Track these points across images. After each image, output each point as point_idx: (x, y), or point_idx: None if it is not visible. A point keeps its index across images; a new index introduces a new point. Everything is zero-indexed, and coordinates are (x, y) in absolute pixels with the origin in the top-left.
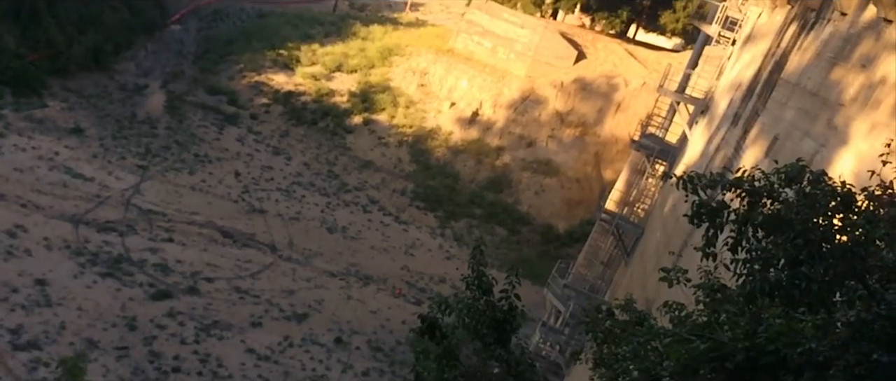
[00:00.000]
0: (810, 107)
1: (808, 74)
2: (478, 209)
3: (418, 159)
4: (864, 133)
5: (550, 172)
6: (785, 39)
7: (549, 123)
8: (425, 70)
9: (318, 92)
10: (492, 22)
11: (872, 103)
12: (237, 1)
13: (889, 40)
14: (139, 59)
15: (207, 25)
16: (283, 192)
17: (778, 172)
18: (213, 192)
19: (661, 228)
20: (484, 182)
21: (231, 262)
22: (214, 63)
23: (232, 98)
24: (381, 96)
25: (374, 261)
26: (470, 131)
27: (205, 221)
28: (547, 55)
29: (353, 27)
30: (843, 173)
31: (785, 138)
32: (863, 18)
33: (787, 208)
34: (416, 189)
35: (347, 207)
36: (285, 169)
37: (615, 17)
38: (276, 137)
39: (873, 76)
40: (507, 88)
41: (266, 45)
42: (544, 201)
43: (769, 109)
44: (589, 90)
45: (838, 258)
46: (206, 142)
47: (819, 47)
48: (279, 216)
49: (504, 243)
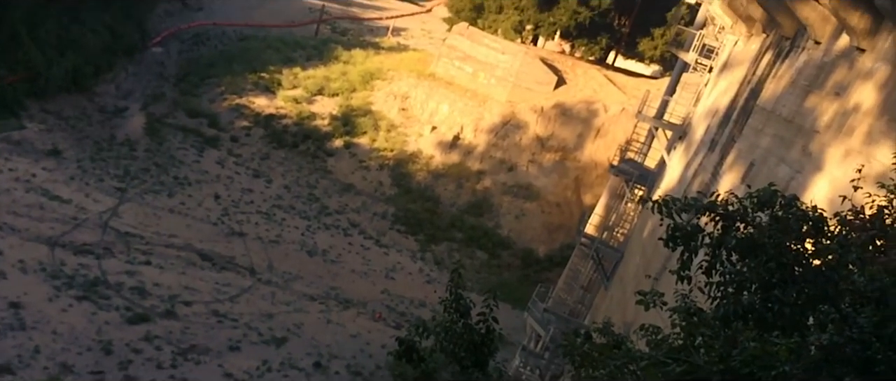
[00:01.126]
0: (785, 133)
1: (783, 102)
2: (458, 233)
3: (399, 183)
4: (839, 160)
5: (531, 196)
6: (760, 67)
7: (529, 147)
8: (407, 94)
9: (300, 115)
10: (473, 47)
11: (846, 130)
12: (218, 24)
13: (862, 69)
14: (119, 82)
15: (188, 48)
16: (263, 215)
17: (751, 196)
18: (193, 214)
19: (641, 252)
20: (464, 206)
21: (209, 285)
22: (195, 86)
23: (212, 121)
24: (363, 120)
25: (355, 285)
26: (451, 155)
27: (183, 243)
28: (527, 81)
29: (334, 51)
30: (818, 199)
31: (761, 164)
32: (836, 47)
33: (760, 232)
34: (396, 213)
35: (328, 230)
36: (265, 192)
37: (594, 43)
38: (257, 160)
39: (847, 104)
40: (487, 112)
41: (247, 69)
42: (524, 225)
43: (745, 135)
44: (569, 115)
45: (810, 282)
46: (185, 164)
47: (794, 75)
48: (259, 239)
49: (484, 266)
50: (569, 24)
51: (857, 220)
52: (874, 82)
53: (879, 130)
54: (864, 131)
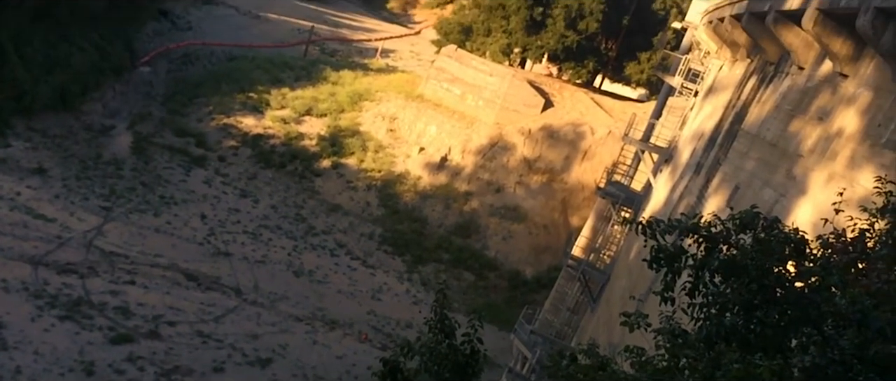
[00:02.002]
0: (770, 157)
1: (768, 126)
2: (446, 254)
3: (387, 204)
4: (822, 183)
5: (518, 217)
6: (745, 92)
7: (516, 169)
8: (395, 115)
9: (288, 135)
10: (461, 69)
11: (830, 155)
12: (207, 44)
13: (845, 94)
14: (106, 100)
15: (177, 68)
16: (249, 235)
17: (733, 218)
18: (178, 234)
19: (627, 274)
20: (452, 227)
21: (194, 305)
22: (183, 105)
23: (200, 140)
24: (351, 140)
25: (341, 305)
26: (438, 176)
27: (168, 263)
28: (515, 103)
29: (323, 72)
30: (802, 222)
31: (746, 188)
32: (819, 73)
33: (743, 254)
34: (384, 233)
35: (314, 250)
36: (252, 212)
37: (582, 66)
38: (244, 180)
39: (830, 128)
40: (475, 134)
41: (235, 89)
42: (512, 246)
43: (730, 158)
44: (556, 138)
45: (792, 304)
46: (172, 184)
47: (778, 100)
48: (245, 259)
49: (471, 288)
50: (556, 47)
51: (839, 243)
52: (857, 108)
53: (862, 155)
54: (847, 156)
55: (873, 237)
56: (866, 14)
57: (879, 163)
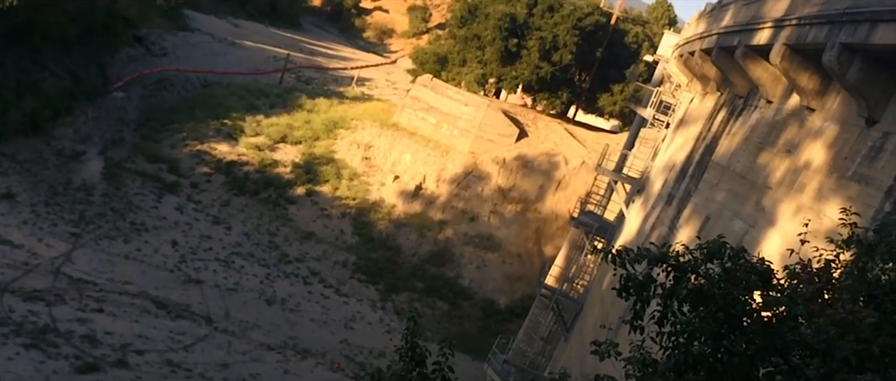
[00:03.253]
0: (740, 189)
1: (737, 158)
2: (419, 283)
3: (361, 232)
4: (790, 215)
5: (492, 247)
6: (715, 124)
7: (491, 198)
8: (370, 143)
9: (262, 162)
10: (436, 98)
11: (797, 187)
12: (182, 70)
13: (812, 127)
14: (78, 125)
15: (151, 93)
16: (221, 262)
17: (700, 247)
18: (149, 261)
19: (600, 303)
20: (426, 256)
21: (164, 333)
22: (156, 131)
23: (172, 166)
24: (325, 168)
25: (313, 334)
26: (413, 205)
27: (138, 290)
28: (490, 132)
29: (298, 99)
30: (771, 253)
31: (716, 218)
32: (787, 106)
33: (710, 283)
34: (357, 261)
35: (287, 278)
36: (225, 239)
37: (556, 97)
38: (217, 207)
39: (798, 161)
40: (450, 163)
41: (210, 115)
42: (486, 275)
43: (701, 190)
44: (530, 167)
45: (759, 333)
46: (143, 210)
47: (747, 132)
48: (216, 287)
49: (445, 317)
50: (531, 78)
51: (805, 273)
52: (823, 141)
53: (829, 187)
54: (814, 188)
55: (839, 268)
56: (832, 50)
57: (846, 195)
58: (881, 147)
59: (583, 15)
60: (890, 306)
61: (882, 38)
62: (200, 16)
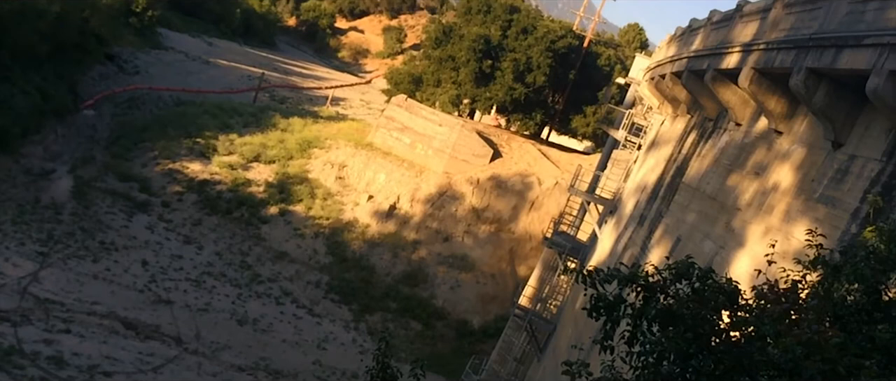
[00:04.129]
0: (710, 210)
1: (708, 180)
2: (393, 303)
3: (334, 251)
4: (759, 236)
5: (466, 267)
6: (686, 146)
7: (465, 218)
8: (344, 163)
9: (235, 181)
10: (411, 118)
11: (766, 208)
12: (154, 88)
13: (780, 150)
14: (47, 144)
15: (123, 112)
16: (192, 282)
17: (669, 268)
18: (118, 281)
19: (573, 324)
20: (399, 276)
21: (132, 355)
22: (127, 150)
23: (143, 185)
24: (299, 187)
25: (286, 355)
26: (387, 225)
27: (106, 311)
28: (464, 152)
29: (272, 118)
30: (741, 274)
31: (687, 240)
32: (755, 129)
33: (679, 303)
34: (331, 281)
35: (259, 298)
36: (196, 259)
37: (529, 118)
38: (188, 226)
39: (766, 183)
40: (424, 183)
41: (182, 134)
42: (459, 296)
43: (672, 211)
44: (504, 188)
45: (727, 353)
46: (113, 229)
47: (717, 154)
48: (187, 307)
49: (418, 337)
50: (505, 99)
51: (772, 294)
52: (791, 163)
53: (797, 209)
54: (782, 210)
55: (805, 288)
56: (799, 74)
57: (813, 217)
58: (847, 170)
59: (556, 37)
60: (855, 326)
61: (847, 63)
62: (174, 34)
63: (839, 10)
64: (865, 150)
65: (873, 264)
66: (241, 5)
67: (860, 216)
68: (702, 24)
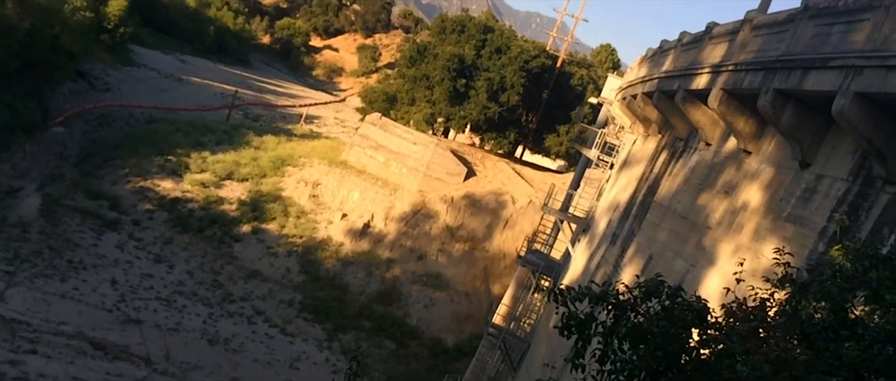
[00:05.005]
0: (681, 229)
1: (679, 199)
2: (367, 322)
3: (307, 270)
4: (729, 255)
5: (440, 285)
6: (657, 165)
7: (439, 237)
8: (318, 181)
9: (207, 199)
10: (385, 137)
11: (736, 227)
12: (126, 106)
13: (749, 170)
14: (15, 161)
15: (93, 129)
16: (162, 301)
17: (639, 286)
18: (86, 300)
19: (546, 342)
20: (373, 294)
21: (100, 376)
22: (97, 167)
23: (113, 203)
24: (272, 206)
25: (257, 375)
26: (361, 243)
27: (74, 331)
28: (438, 171)
29: (246, 136)
30: (712, 292)
31: (658, 258)
32: (725, 149)
33: (649, 321)
34: (304, 300)
35: (231, 318)
36: (166, 277)
37: (503, 137)
38: (159, 245)
39: (736, 202)
40: (398, 201)
41: (154, 151)
42: (433, 314)
43: (644, 229)
44: (478, 206)
45: (696, 370)
46: (81, 248)
47: (687, 174)
48: (157, 327)
49: (392, 356)
50: (479, 118)
51: (741, 312)
52: (760, 183)
53: (766, 228)
54: (751, 228)
55: (773, 306)
56: (766, 95)
57: (782, 235)
58: (814, 189)
59: (529, 57)
60: (822, 343)
61: (813, 84)
62: (146, 51)
63: (805, 32)
64: (832, 170)
65: (839, 283)
66: (215, 23)
67: (827, 235)
68: (672, 45)
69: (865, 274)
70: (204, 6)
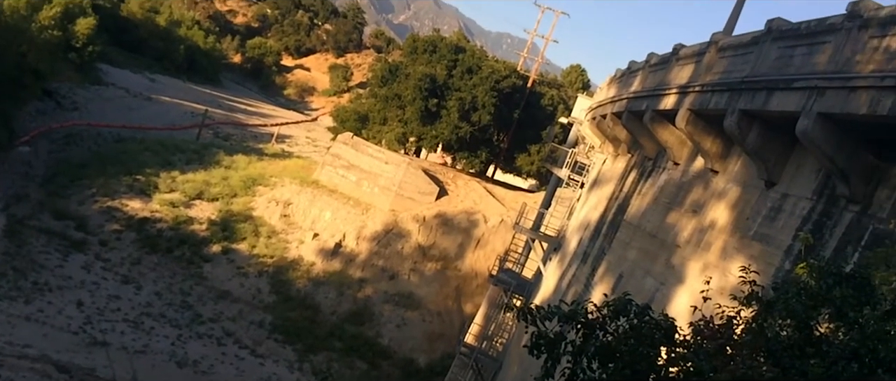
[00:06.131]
0: (650, 247)
1: (648, 217)
2: (338, 342)
3: (278, 290)
4: (698, 272)
5: (412, 305)
6: (627, 185)
7: (411, 256)
8: (289, 200)
9: (176, 219)
10: (357, 156)
11: (704, 245)
12: (93, 125)
13: (716, 189)
14: None
15: (60, 148)
16: (130, 323)
17: (607, 305)
18: (51, 323)
19: (518, 361)
20: (345, 314)
21: None
22: (64, 187)
23: (80, 223)
24: (243, 226)
25: None
26: (332, 263)
27: (39, 354)
28: (410, 190)
29: (216, 155)
30: (681, 310)
31: (628, 276)
32: (693, 168)
33: (617, 340)
34: (274, 321)
35: (200, 339)
36: (134, 299)
37: (475, 157)
38: (127, 265)
39: (704, 221)
40: (370, 220)
41: (122, 171)
42: (406, 334)
43: (614, 248)
44: (450, 225)
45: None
46: (47, 269)
47: (656, 193)
48: (124, 349)
49: (364, 377)
50: (450, 137)
51: (708, 330)
52: (727, 202)
53: (733, 246)
54: (719, 247)
55: (740, 324)
56: (732, 115)
57: (749, 254)
58: (780, 208)
59: (501, 77)
60: (788, 361)
61: (778, 105)
62: (115, 70)
63: (769, 54)
64: (797, 189)
65: (804, 300)
66: (186, 42)
67: (793, 253)
68: (640, 66)
69: (829, 292)
70: (174, 25)
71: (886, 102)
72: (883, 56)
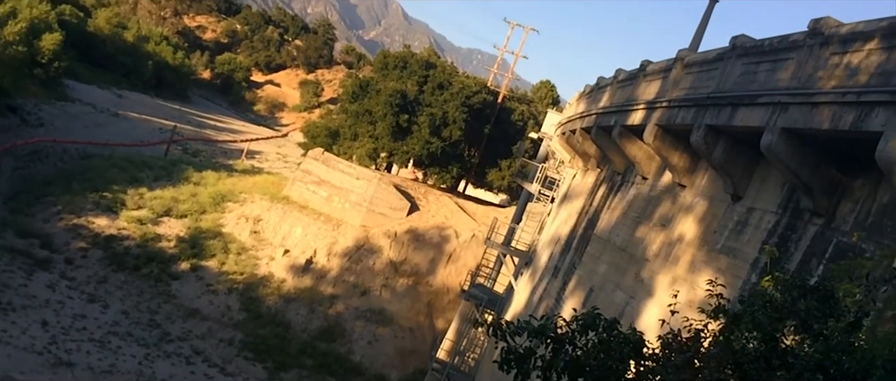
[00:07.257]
0: (620, 261)
1: (617, 231)
2: (309, 359)
3: (248, 307)
4: (667, 286)
5: (384, 321)
6: (596, 199)
7: (382, 272)
8: (259, 217)
9: (144, 237)
10: (328, 172)
11: (672, 259)
12: (59, 142)
13: (683, 203)
14: None
15: (24, 165)
16: (96, 343)
17: (576, 319)
18: (15, 343)
19: (491, 377)
20: (316, 331)
21: None
22: (28, 204)
23: (45, 241)
24: (212, 242)
25: None
26: (303, 279)
27: (2, 375)
28: (381, 206)
29: (185, 172)
30: (651, 324)
31: (599, 290)
32: (661, 183)
33: (587, 355)
34: (244, 339)
35: (169, 358)
36: (101, 318)
37: (446, 172)
38: (93, 284)
39: (672, 235)
40: (341, 236)
41: (88, 188)
42: (377, 350)
43: (585, 262)
44: (422, 241)
45: None
46: (10, 288)
47: (625, 207)
48: (90, 369)
49: None
50: (421, 153)
51: (676, 343)
52: (694, 216)
53: (701, 259)
54: (688, 260)
55: (707, 337)
56: (699, 131)
57: (716, 267)
58: (746, 222)
59: (471, 93)
60: (755, 373)
61: (743, 120)
62: (82, 86)
63: (734, 70)
64: (762, 202)
65: (770, 313)
66: (154, 57)
67: (759, 266)
68: (609, 82)
69: (795, 304)
70: (142, 41)
71: (848, 117)
72: (844, 72)
